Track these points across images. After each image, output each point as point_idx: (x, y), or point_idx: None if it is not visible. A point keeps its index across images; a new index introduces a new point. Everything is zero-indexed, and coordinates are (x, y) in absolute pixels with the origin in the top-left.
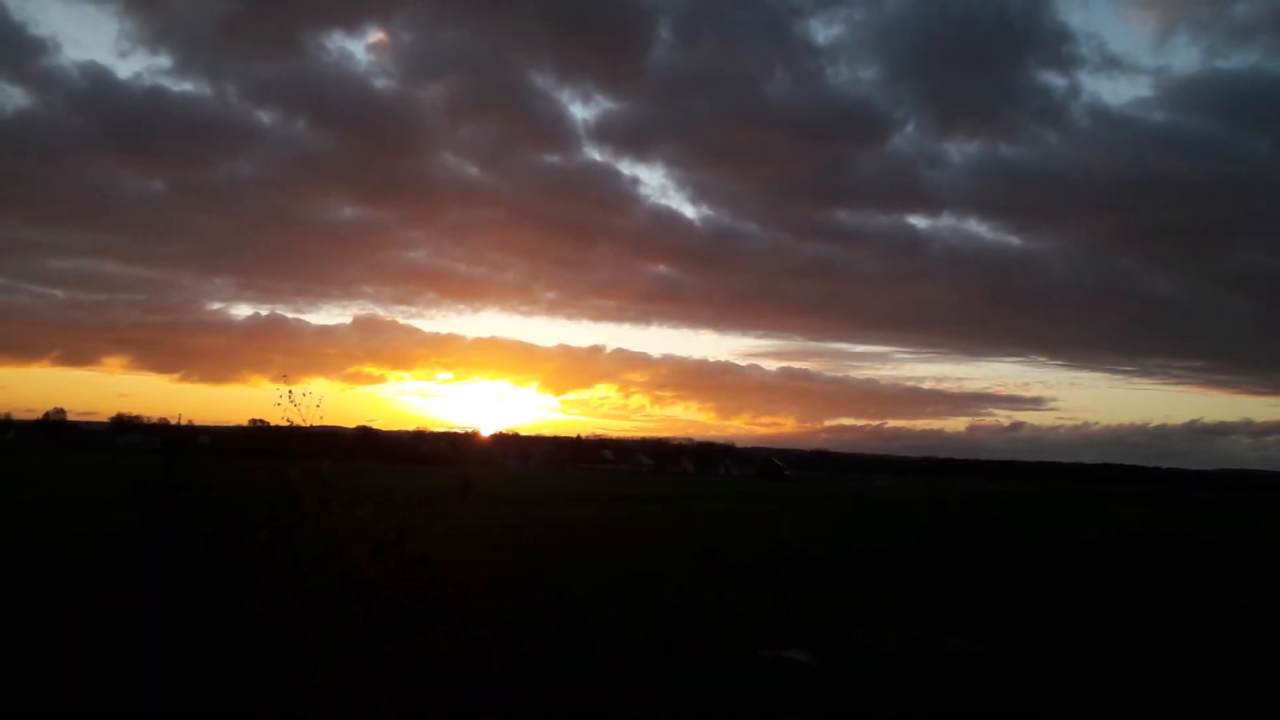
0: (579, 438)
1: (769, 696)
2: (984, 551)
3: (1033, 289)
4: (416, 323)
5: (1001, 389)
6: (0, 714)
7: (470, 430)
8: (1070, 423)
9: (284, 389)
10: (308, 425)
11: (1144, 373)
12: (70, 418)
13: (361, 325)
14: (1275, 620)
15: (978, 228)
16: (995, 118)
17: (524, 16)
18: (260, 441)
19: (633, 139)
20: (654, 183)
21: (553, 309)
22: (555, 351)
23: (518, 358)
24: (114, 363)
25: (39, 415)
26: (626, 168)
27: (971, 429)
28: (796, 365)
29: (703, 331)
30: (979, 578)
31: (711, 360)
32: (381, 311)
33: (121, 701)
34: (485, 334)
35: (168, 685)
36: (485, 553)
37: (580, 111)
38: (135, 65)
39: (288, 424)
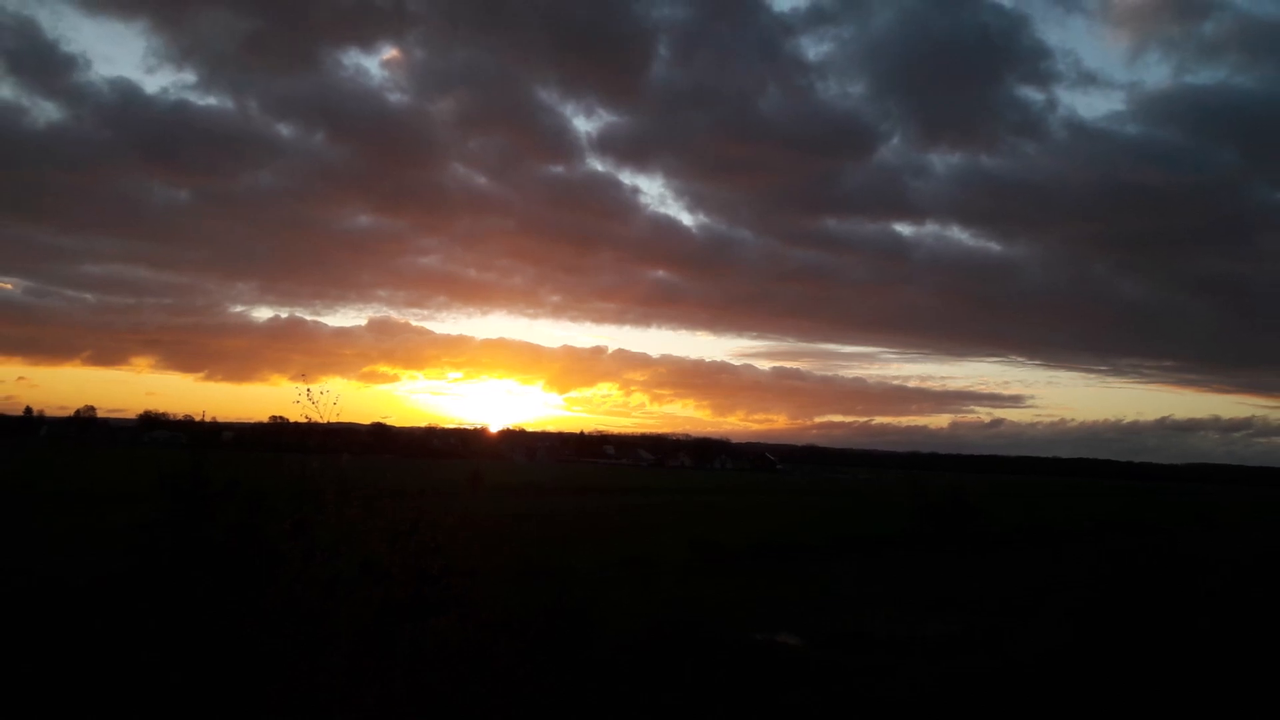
0: (582, 434)
1: (762, 679)
2: (966, 542)
3: (1012, 293)
4: (428, 325)
5: (982, 387)
6: (27, 697)
7: (479, 426)
8: (1048, 419)
9: (303, 387)
10: (325, 422)
11: (1117, 372)
12: (100, 415)
13: (376, 327)
14: (1237, 604)
15: (960, 235)
16: (976, 130)
17: (530, 35)
18: (281, 437)
19: (633, 151)
20: (653, 192)
21: (557, 312)
22: (560, 352)
23: (524, 358)
24: (142, 363)
25: (70, 413)
26: (627, 178)
27: (954, 425)
28: (788, 365)
29: (699, 333)
30: (961, 566)
31: (708, 360)
32: (395, 314)
33: (145, 685)
34: (493, 335)
35: (185, 672)
36: (494, 542)
37: (583, 125)
38: (162, 80)
39: (307, 421)
